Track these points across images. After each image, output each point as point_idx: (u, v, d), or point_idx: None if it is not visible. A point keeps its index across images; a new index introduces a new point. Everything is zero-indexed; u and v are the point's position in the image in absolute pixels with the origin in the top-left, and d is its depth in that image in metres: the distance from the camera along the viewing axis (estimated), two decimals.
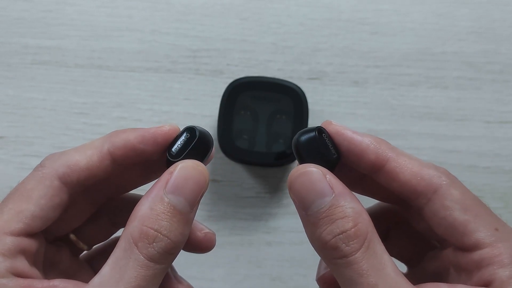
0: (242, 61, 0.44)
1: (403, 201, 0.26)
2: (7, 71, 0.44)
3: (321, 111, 0.44)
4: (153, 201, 0.22)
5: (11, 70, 0.44)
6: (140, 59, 0.44)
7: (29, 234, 0.23)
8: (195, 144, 0.24)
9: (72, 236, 0.28)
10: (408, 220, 0.27)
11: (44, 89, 0.44)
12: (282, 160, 0.41)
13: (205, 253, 0.29)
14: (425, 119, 0.44)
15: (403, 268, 0.29)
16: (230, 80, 0.42)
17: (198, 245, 0.28)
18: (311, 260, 0.43)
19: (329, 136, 0.24)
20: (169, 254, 0.22)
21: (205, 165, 0.25)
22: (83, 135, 0.43)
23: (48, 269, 0.25)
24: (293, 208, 0.43)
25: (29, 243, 0.23)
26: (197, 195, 0.23)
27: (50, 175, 0.24)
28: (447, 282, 0.24)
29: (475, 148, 0.44)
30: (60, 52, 0.44)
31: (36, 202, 0.23)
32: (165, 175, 0.23)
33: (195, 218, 0.28)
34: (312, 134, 0.24)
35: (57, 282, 0.23)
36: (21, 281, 0.22)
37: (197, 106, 0.44)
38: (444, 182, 0.23)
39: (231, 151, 0.41)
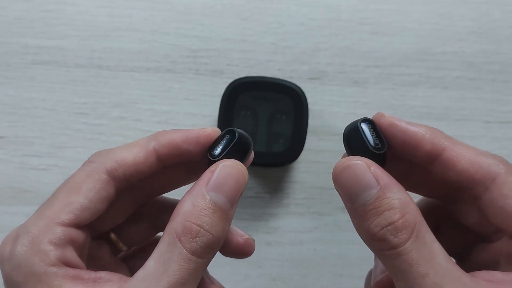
0: (242, 61, 0.44)
1: (449, 195, 0.26)
2: (7, 71, 0.44)
3: (321, 111, 0.44)
4: (195, 198, 0.23)
5: (11, 70, 0.44)
6: (140, 59, 0.44)
7: (78, 225, 0.24)
8: (235, 145, 0.25)
9: (113, 236, 0.28)
10: (455, 215, 0.27)
11: (44, 89, 0.44)
12: (282, 160, 0.41)
13: None
14: (425, 119, 0.44)
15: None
16: (230, 80, 0.42)
17: (239, 250, 0.29)
18: (311, 260, 0.44)
19: (376, 128, 0.24)
20: (211, 249, 0.23)
21: (245, 165, 0.25)
22: (83, 135, 0.43)
23: (89, 263, 0.26)
24: (293, 208, 0.44)
25: (78, 235, 0.24)
26: (237, 193, 0.24)
27: (98, 169, 0.25)
28: (501, 271, 0.24)
29: None
30: (60, 52, 0.44)
31: (85, 195, 0.24)
32: (207, 174, 0.24)
33: (234, 225, 0.29)
34: (355, 125, 0.24)
35: (103, 274, 0.23)
36: (70, 270, 0.23)
37: (197, 106, 0.44)
38: (502, 170, 0.23)
39: None
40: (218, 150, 0.25)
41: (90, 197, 0.24)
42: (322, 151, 0.44)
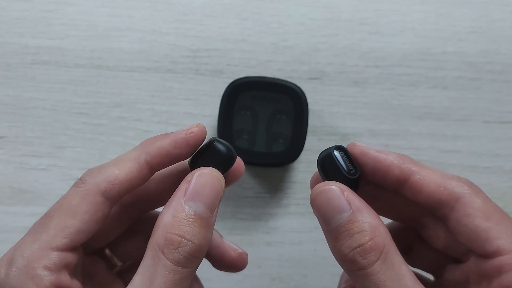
0: (242, 61, 0.44)
1: (416, 220, 0.27)
2: (7, 71, 0.44)
3: (321, 111, 0.44)
4: (175, 209, 0.23)
5: (11, 70, 0.44)
6: (140, 59, 0.44)
7: (72, 248, 0.24)
8: (210, 153, 0.25)
9: (107, 252, 0.29)
10: (425, 239, 0.28)
11: (44, 89, 0.44)
12: (282, 160, 0.41)
13: None
14: (425, 119, 0.44)
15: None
16: (230, 80, 0.42)
17: (232, 265, 0.30)
18: (311, 260, 0.43)
19: (349, 154, 0.25)
20: (194, 257, 0.23)
21: (234, 179, 0.27)
22: (83, 135, 0.43)
23: (85, 280, 0.26)
24: (293, 208, 0.44)
25: (72, 257, 0.24)
26: (215, 200, 0.24)
27: (93, 191, 0.24)
28: None
29: (475, 148, 0.44)
30: (60, 52, 0.44)
31: (80, 218, 0.24)
32: (183, 184, 0.24)
33: (228, 240, 0.30)
34: (329, 152, 0.25)
35: None
36: None
37: (197, 106, 0.44)
38: (466, 191, 0.24)
39: None
40: (195, 159, 0.25)
41: (86, 220, 0.24)
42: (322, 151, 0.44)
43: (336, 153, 0.25)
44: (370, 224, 0.23)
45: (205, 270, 0.43)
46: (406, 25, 0.44)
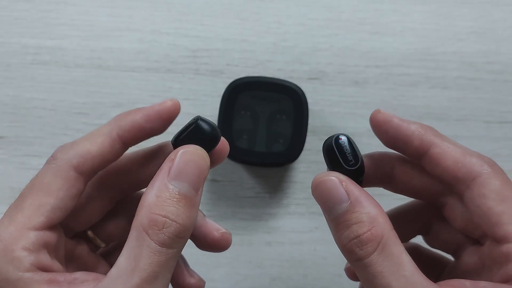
0: (242, 61, 0.44)
1: (435, 197, 0.27)
2: (7, 71, 0.44)
3: (321, 111, 0.44)
4: (158, 189, 0.23)
5: (11, 70, 0.44)
6: (140, 59, 0.44)
7: (50, 226, 0.24)
8: (194, 130, 0.25)
9: (90, 233, 0.28)
10: (445, 218, 0.28)
11: (44, 89, 0.44)
12: (282, 160, 0.41)
13: (204, 253, 0.30)
14: (425, 119, 0.44)
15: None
16: (230, 80, 0.42)
17: (215, 245, 0.29)
18: (311, 260, 0.43)
19: (351, 142, 0.25)
20: (179, 238, 0.23)
21: (219, 159, 0.26)
22: (83, 135, 0.43)
23: (68, 263, 0.26)
24: (293, 208, 0.44)
25: (51, 236, 0.24)
26: (199, 178, 0.23)
27: (64, 167, 0.24)
28: (484, 275, 0.24)
29: (475, 148, 0.43)
30: (60, 52, 0.44)
31: (55, 195, 0.24)
32: (167, 163, 0.23)
33: (211, 219, 0.29)
34: (330, 142, 0.25)
35: (78, 274, 0.23)
36: (45, 275, 0.23)
37: (197, 106, 0.44)
38: (485, 171, 0.23)
39: (231, 151, 0.40)
40: (179, 137, 0.25)
41: (60, 197, 0.24)
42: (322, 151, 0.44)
43: (337, 143, 0.25)
44: (368, 215, 0.23)
45: (206, 270, 0.43)
46: (406, 25, 0.44)
